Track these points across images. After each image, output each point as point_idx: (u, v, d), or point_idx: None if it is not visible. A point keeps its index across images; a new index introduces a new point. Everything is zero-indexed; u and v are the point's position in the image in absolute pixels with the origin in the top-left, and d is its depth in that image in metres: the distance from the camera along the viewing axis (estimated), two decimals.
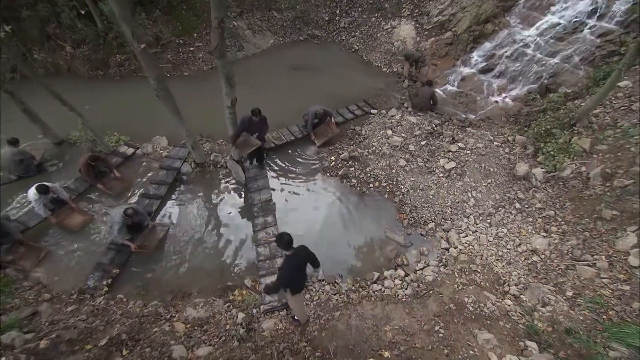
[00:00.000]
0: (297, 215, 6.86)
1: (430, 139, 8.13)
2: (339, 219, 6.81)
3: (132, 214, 5.64)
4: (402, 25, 11.37)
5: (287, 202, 7.11)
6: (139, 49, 4.98)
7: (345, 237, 6.49)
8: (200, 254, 6.19)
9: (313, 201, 7.12)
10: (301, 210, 6.94)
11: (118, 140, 8.04)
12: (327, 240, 6.41)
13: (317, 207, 6.99)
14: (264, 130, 6.94)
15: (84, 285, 5.40)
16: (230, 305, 5.39)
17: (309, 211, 6.93)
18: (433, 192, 7.08)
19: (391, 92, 10.00)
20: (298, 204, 7.09)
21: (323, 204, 7.05)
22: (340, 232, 6.57)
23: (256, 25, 11.58)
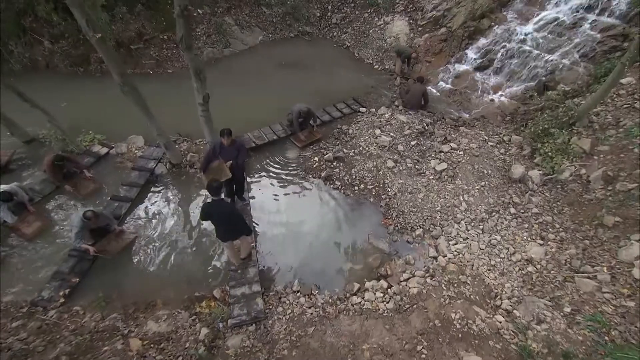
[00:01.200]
0: (275, 218, 6.42)
1: (421, 139, 7.67)
2: (320, 224, 6.36)
3: (92, 216, 5.21)
4: (396, 22, 10.93)
5: (264, 204, 6.66)
6: (95, 39, 4.55)
7: (326, 243, 6.03)
8: (169, 261, 5.74)
9: (292, 204, 6.67)
10: (279, 214, 6.50)
11: (92, 140, 7.62)
12: (305, 247, 5.98)
13: (296, 210, 6.54)
14: (240, 158, 5.65)
15: (37, 297, 4.96)
16: (196, 318, 4.94)
17: (287, 215, 6.48)
18: (422, 196, 6.62)
19: (382, 90, 9.55)
20: (276, 207, 6.64)
21: (303, 208, 6.60)
22: (320, 239, 6.12)
23: (244, 21, 11.18)
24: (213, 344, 4.47)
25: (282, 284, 5.45)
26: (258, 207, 6.60)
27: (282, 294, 5.26)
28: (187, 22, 4.77)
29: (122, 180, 6.73)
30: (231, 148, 5.58)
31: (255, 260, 5.54)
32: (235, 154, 5.64)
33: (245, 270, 5.43)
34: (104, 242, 5.67)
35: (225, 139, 5.41)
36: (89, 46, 9.47)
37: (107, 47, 4.81)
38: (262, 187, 7.00)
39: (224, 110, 8.71)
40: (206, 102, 5.96)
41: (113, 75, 5.24)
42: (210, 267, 5.67)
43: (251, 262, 5.50)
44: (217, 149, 5.53)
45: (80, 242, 5.24)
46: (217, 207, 4.60)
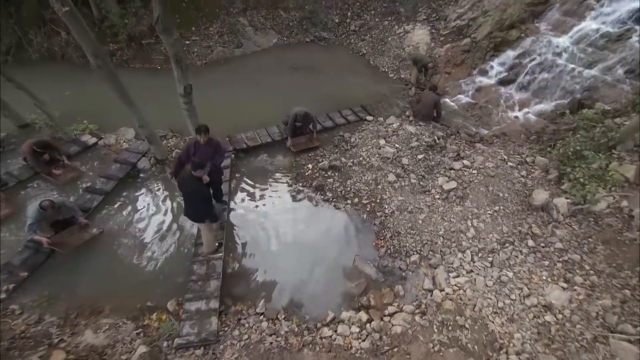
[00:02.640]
0: (253, 227, 5.75)
1: (430, 153, 6.81)
2: (301, 238, 5.62)
3: (48, 206, 4.78)
4: (416, 30, 10.27)
5: (244, 211, 6.03)
6: (62, 12, 4.20)
7: (304, 261, 5.26)
8: (131, 263, 5.19)
9: (274, 213, 5.99)
10: (258, 222, 5.83)
11: (85, 129, 7.40)
12: (280, 262, 5.24)
13: (277, 220, 5.85)
14: (217, 158, 5.16)
15: None
16: (142, 332, 4.30)
17: (267, 224, 5.80)
18: (424, 217, 5.73)
19: (395, 100, 8.81)
20: (256, 214, 5.98)
21: (285, 218, 5.90)
22: (300, 255, 5.36)
23: (259, 23, 10.92)
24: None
25: (246, 302, 4.72)
26: (237, 213, 5.97)
27: (243, 314, 4.53)
28: (165, 1, 4.35)
29: (99, 171, 6.36)
30: (208, 147, 5.02)
31: (218, 270, 4.86)
32: (212, 153, 5.07)
33: (207, 282, 4.76)
34: (65, 234, 5.23)
35: (202, 137, 4.85)
36: (102, 40, 9.54)
37: (79, 22, 4.45)
38: (245, 192, 6.39)
39: (225, 109, 8.42)
40: (188, 94, 5.48)
41: (88, 56, 4.88)
42: (173, 274, 5.05)
43: (214, 274, 4.83)
44: (192, 149, 4.97)
45: (33, 233, 4.80)
46: (187, 182, 4.41)
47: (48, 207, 4.76)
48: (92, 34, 4.76)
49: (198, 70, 9.91)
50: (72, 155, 6.68)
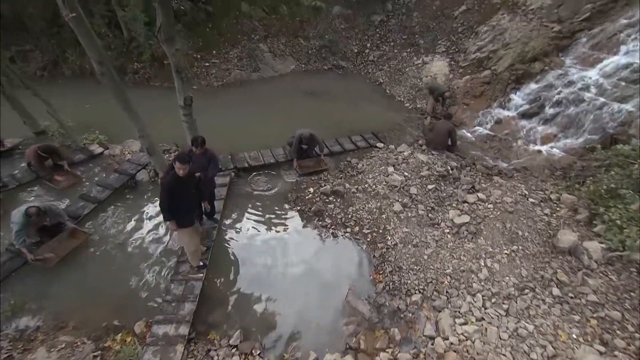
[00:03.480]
0: (241, 251, 5.34)
1: (442, 184, 6.30)
2: (292, 265, 5.13)
3: (34, 213, 4.62)
4: (435, 62, 10.12)
5: (236, 234, 5.65)
6: (69, 17, 4.28)
7: (293, 291, 4.74)
8: (107, 277, 4.86)
9: (268, 238, 5.57)
10: (248, 247, 5.42)
11: (95, 139, 7.51)
12: (267, 290, 4.75)
13: (269, 246, 5.42)
14: (211, 170, 4.95)
15: None
16: (100, 355, 3.86)
17: (257, 249, 5.38)
18: (430, 252, 5.12)
19: (408, 129, 8.47)
20: (248, 238, 5.58)
21: (278, 244, 5.46)
22: (288, 284, 4.86)
23: (278, 50, 11.21)
24: None
25: (221, 332, 4.21)
26: (227, 233, 5.61)
27: (214, 345, 4.00)
28: (168, 10, 4.36)
29: (97, 180, 6.28)
30: (202, 157, 4.82)
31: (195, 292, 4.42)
32: (206, 164, 4.86)
33: (182, 304, 4.32)
34: (54, 244, 5.04)
35: (199, 149, 4.70)
36: (128, 59, 10.01)
37: (86, 28, 4.51)
38: (239, 212, 6.04)
39: (234, 128, 8.39)
40: (188, 105, 5.41)
41: (92, 63, 4.91)
42: (150, 293, 4.65)
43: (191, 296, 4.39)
44: None
45: (22, 243, 4.61)
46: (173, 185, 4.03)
47: (33, 214, 4.61)
48: (100, 42, 4.82)
49: (214, 90, 10.12)
50: (75, 162, 6.71)
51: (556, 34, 8.08)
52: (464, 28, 10.04)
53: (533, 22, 8.49)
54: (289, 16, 11.47)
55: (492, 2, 9.71)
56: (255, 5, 11.06)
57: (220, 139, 7.64)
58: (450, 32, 10.31)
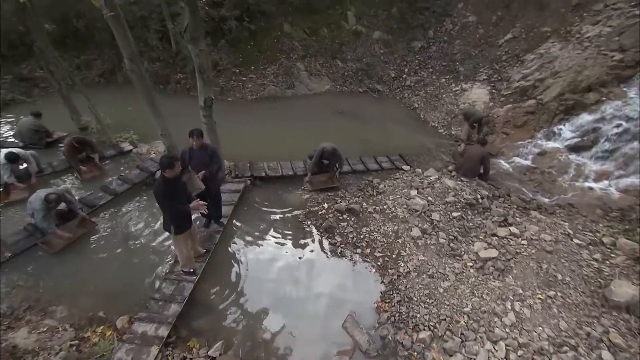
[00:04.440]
0: (242, 260, 5.09)
1: (469, 213, 5.67)
2: (291, 282, 4.75)
3: (54, 200, 4.83)
4: (475, 89, 9.63)
5: (240, 242, 5.42)
6: (108, 16, 4.58)
7: (286, 309, 4.34)
8: (107, 268, 4.82)
9: (272, 250, 5.27)
10: (250, 256, 5.15)
11: (128, 138, 7.90)
12: (258, 305, 4.41)
13: (271, 258, 5.10)
14: (214, 165, 4.74)
15: None
16: (78, 344, 3.70)
17: (257, 260, 5.10)
18: (447, 285, 4.49)
19: (439, 154, 7.95)
20: (251, 248, 5.32)
21: (281, 257, 5.13)
22: (283, 301, 4.48)
23: (315, 69, 11.39)
24: None
25: (202, 340, 3.89)
26: (231, 240, 5.41)
27: (191, 353, 3.68)
28: (195, 11, 4.51)
29: (120, 174, 6.48)
30: (203, 153, 4.72)
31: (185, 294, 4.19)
32: (208, 161, 4.75)
33: (168, 304, 4.10)
34: (70, 226, 5.17)
35: (194, 140, 4.56)
36: (173, 70, 10.70)
37: (122, 27, 4.82)
38: (247, 221, 5.82)
39: (259, 139, 8.43)
40: (208, 107, 5.45)
41: (124, 59, 5.19)
42: (144, 290, 4.50)
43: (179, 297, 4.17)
44: (187, 157, 4.69)
45: (49, 225, 4.83)
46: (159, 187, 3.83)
47: (53, 201, 4.79)
48: (133, 41, 5.08)
49: (248, 103, 10.41)
50: (105, 157, 7.04)
51: (617, 63, 7.31)
52: (508, 56, 9.53)
53: (588, 50, 7.80)
54: (329, 38, 11.72)
55: (541, 30, 9.17)
56: (297, 26, 11.48)
57: (243, 148, 7.71)
58: (493, 60, 9.83)
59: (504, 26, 10.14)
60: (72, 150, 6.47)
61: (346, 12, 11.96)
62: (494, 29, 10.37)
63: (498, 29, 10.26)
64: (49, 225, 4.87)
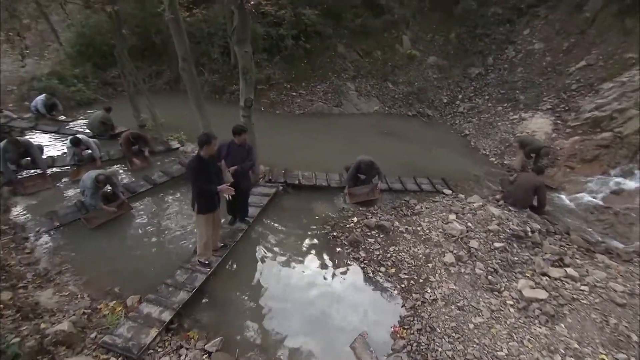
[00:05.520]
0: (259, 263, 4.97)
1: (514, 245, 4.96)
2: (306, 291, 4.49)
3: (103, 181, 5.27)
4: (536, 119, 8.81)
5: (262, 244, 5.31)
6: (169, 18, 5.05)
7: (294, 318, 4.07)
8: (133, 248, 5.04)
9: (291, 257, 5.07)
10: (267, 261, 5.02)
11: (178, 137, 8.47)
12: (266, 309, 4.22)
13: (290, 265, 4.91)
14: (248, 163, 4.80)
15: None
16: (90, 314, 3.81)
17: (275, 264, 4.94)
18: (480, 322, 3.87)
19: (487, 183, 7.26)
20: (271, 252, 5.17)
21: (300, 266, 4.91)
22: (293, 309, 4.21)
23: (365, 90, 11.41)
24: (51, 349, 3.15)
25: (202, 333, 3.76)
26: (253, 241, 5.33)
27: (188, 344, 3.56)
28: (244, 14, 4.76)
29: (162, 167, 6.89)
30: (241, 149, 4.80)
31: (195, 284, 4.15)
32: (244, 156, 4.81)
33: (177, 291, 4.08)
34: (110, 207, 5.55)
35: (237, 137, 4.69)
36: (229, 81, 11.47)
37: (180, 29, 5.26)
38: (273, 225, 5.73)
39: (300, 149, 8.52)
40: (248, 107, 5.62)
41: (178, 58, 5.61)
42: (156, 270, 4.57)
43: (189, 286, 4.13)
44: (224, 151, 4.78)
45: (96, 203, 5.27)
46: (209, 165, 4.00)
47: (102, 182, 5.22)
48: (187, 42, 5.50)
49: (295, 117, 10.68)
50: (155, 151, 7.58)
51: None
52: (579, 85, 8.63)
53: None
54: (382, 61, 11.76)
55: (624, 57, 8.20)
56: (351, 48, 11.74)
57: (281, 156, 7.80)
58: (561, 88, 8.97)
59: (576, 53, 9.30)
60: (128, 143, 7.07)
61: (402, 36, 11.99)
62: (564, 56, 9.55)
63: (569, 56, 9.43)
64: (96, 202, 5.28)
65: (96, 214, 5.37)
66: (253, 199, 6.01)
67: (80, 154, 6.72)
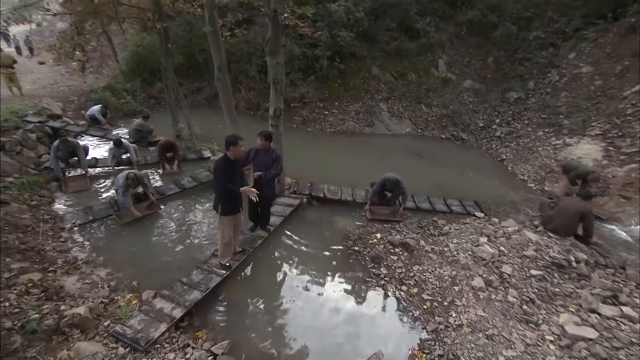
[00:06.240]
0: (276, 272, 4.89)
1: (555, 275, 4.45)
2: (322, 305, 4.31)
3: (132, 177, 5.53)
4: (583, 144, 8.18)
5: (280, 253, 5.24)
6: (208, 30, 5.39)
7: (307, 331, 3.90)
8: (156, 246, 5.19)
9: (308, 268, 4.93)
10: (285, 270, 4.92)
11: (210, 147, 8.82)
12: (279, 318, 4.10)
13: (307, 277, 4.76)
14: (272, 171, 4.73)
15: None
16: (107, 304, 3.88)
17: (293, 275, 4.84)
18: (512, 355, 3.44)
19: (524, 208, 6.75)
20: (288, 262, 5.08)
21: (318, 279, 4.75)
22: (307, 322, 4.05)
23: (397, 111, 11.32)
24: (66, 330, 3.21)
25: (211, 334, 3.68)
26: (273, 249, 5.27)
27: (195, 343, 3.48)
28: (277, 26, 4.96)
29: (193, 174, 7.14)
30: (267, 156, 4.83)
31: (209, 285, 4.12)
32: (270, 164, 4.82)
33: (191, 290, 4.06)
34: (141, 206, 5.82)
35: (261, 140, 4.74)
36: (264, 99, 11.88)
37: (218, 41, 5.59)
38: (292, 235, 5.62)
39: (328, 165, 8.52)
40: (277, 117, 5.76)
41: (215, 67, 5.93)
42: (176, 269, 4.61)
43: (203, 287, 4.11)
44: (251, 154, 4.86)
45: (126, 200, 5.53)
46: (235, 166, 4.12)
47: (130, 179, 5.49)
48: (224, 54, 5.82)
49: (325, 135, 10.78)
50: (187, 159, 7.94)
51: None
52: (635, 109, 7.96)
53: None
54: (416, 84, 11.70)
55: None
56: (385, 70, 11.82)
57: (309, 170, 7.81)
58: (613, 113, 8.31)
59: (631, 77, 8.66)
60: (162, 149, 7.48)
61: (437, 59, 11.92)
62: (616, 80, 8.92)
63: (623, 80, 8.79)
64: (126, 200, 5.54)
65: (126, 212, 5.62)
66: (276, 209, 6.01)
67: (119, 157, 7.18)
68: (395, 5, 11.68)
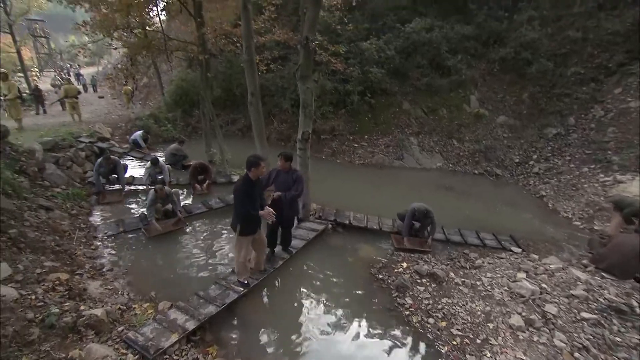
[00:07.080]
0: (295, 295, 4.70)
1: (613, 321, 3.86)
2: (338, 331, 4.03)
3: (159, 190, 5.76)
4: (637, 181, 7.50)
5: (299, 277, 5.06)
6: (244, 59, 5.81)
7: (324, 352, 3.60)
8: (181, 259, 5.24)
9: (327, 295, 4.69)
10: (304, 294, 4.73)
11: (240, 172, 9.09)
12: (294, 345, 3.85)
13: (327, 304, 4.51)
14: (294, 192, 4.69)
15: None
16: (124, 311, 3.89)
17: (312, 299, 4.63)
18: None
19: (568, 246, 6.12)
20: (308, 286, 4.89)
21: (337, 305, 4.49)
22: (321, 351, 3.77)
23: (428, 146, 11.18)
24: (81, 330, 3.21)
25: (223, 350, 3.52)
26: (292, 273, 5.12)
27: (204, 358, 3.32)
28: (309, 53, 5.21)
29: (221, 196, 7.32)
30: (288, 177, 4.79)
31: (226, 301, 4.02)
32: (291, 184, 4.79)
33: (207, 305, 3.98)
34: (168, 222, 6.01)
35: (282, 161, 4.74)
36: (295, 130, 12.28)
37: (253, 68, 5.97)
38: (314, 259, 5.46)
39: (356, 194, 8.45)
40: (305, 140, 5.87)
41: (248, 93, 6.27)
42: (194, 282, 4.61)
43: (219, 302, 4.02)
44: (273, 175, 4.85)
45: (151, 215, 5.72)
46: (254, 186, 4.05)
47: (158, 190, 5.74)
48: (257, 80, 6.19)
49: (354, 167, 10.80)
50: (217, 182, 8.23)
51: None
52: None
53: None
54: (447, 119, 11.62)
55: None
56: (416, 105, 11.92)
57: (336, 198, 7.77)
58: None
59: None
60: (194, 172, 7.86)
61: (469, 95, 11.87)
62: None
63: None
64: (150, 213, 5.69)
65: (166, 224, 5.80)
66: (300, 232, 5.94)
67: (154, 176, 7.56)
68: (426, 43, 12.04)
